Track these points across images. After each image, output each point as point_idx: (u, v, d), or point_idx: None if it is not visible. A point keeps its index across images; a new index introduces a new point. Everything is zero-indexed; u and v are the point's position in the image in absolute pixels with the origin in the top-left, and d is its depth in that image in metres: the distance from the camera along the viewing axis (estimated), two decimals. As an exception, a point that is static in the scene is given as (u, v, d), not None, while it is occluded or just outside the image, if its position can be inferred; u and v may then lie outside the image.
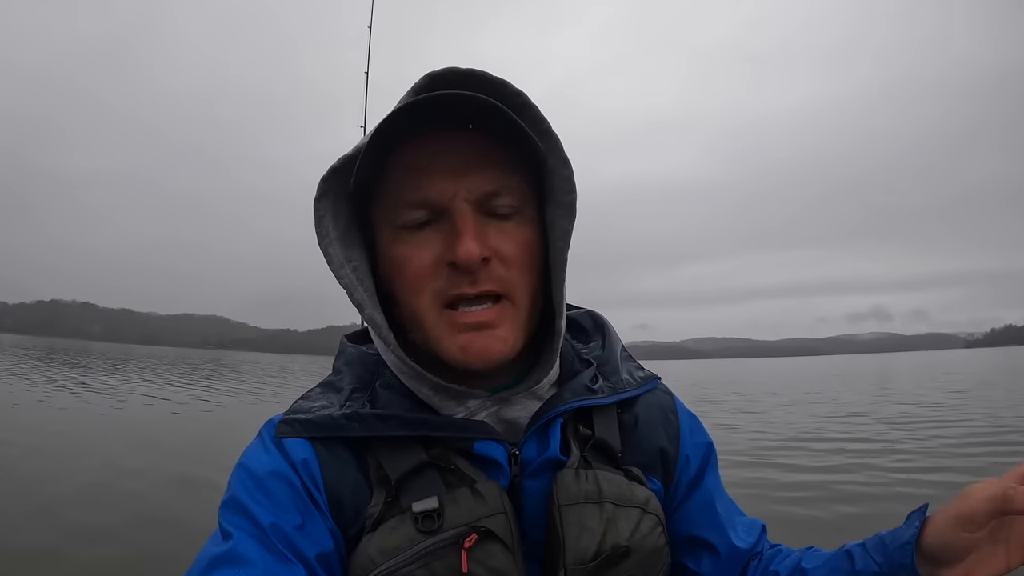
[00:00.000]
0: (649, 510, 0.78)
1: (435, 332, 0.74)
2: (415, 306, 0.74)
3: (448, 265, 0.72)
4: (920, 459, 8.34)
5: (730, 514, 0.92)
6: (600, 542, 0.73)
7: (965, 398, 17.42)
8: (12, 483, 6.49)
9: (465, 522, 0.70)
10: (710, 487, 0.91)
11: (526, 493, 0.76)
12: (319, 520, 0.72)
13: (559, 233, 0.78)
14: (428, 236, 0.73)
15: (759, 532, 0.93)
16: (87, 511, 5.78)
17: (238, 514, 0.71)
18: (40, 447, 8.42)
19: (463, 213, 0.72)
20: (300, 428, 0.77)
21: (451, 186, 0.72)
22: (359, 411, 0.77)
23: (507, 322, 0.74)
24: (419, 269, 0.73)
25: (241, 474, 0.75)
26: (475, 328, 0.73)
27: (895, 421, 12.79)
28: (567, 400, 0.80)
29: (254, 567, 0.66)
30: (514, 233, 0.75)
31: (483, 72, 0.71)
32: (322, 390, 0.84)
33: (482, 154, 0.73)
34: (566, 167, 0.76)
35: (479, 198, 0.73)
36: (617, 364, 0.89)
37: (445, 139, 0.73)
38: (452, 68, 0.71)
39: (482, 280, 0.72)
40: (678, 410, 0.93)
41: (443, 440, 0.76)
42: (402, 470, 0.74)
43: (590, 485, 0.75)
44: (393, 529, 0.70)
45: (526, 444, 0.78)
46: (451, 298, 0.73)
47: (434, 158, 0.73)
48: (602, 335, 0.94)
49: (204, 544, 0.71)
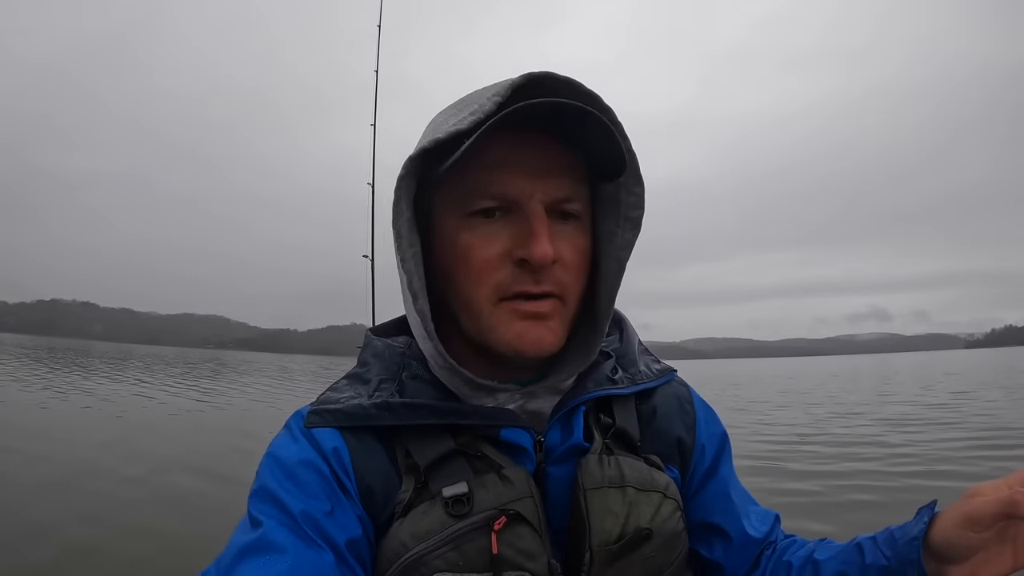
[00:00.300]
0: (669, 495, 0.80)
1: (491, 321, 0.75)
2: (474, 295, 0.75)
3: (515, 261, 0.74)
4: (922, 462, 8.30)
5: (744, 503, 0.93)
6: (624, 525, 0.75)
7: (966, 399, 17.37)
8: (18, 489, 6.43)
9: (494, 506, 0.72)
10: (724, 476, 0.93)
11: (550, 479, 0.78)
12: (348, 507, 0.74)
13: (621, 244, 0.82)
14: (496, 229, 0.75)
15: (772, 522, 0.94)
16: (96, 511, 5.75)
17: (268, 502, 0.72)
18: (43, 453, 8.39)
19: (538, 214, 0.73)
20: (330, 418, 0.79)
21: (529, 186, 0.73)
22: (389, 401, 0.78)
23: (558, 317, 0.77)
24: (484, 260, 0.74)
25: (270, 464, 0.76)
26: (532, 318, 0.75)
27: (893, 421, 12.74)
28: (590, 389, 0.83)
29: (285, 553, 0.67)
30: (575, 240, 0.77)
31: (578, 82, 0.72)
32: (349, 381, 0.85)
33: (560, 159, 0.75)
34: (639, 185, 0.80)
35: (551, 202, 0.75)
36: (635, 357, 0.92)
37: (528, 139, 0.74)
38: (551, 73, 0.72)
39: (544, 280, 0.74)
40: (694, 401, 0.95)
41: (470, 428, 0.78)
42: (431, 457, 0.75)
43: (613, 470, 0.77)
44: (424, 514, 0.72)
45: (551, 431, 0.80)
46: (513, 293, 0.74)
47: (517, 156, 0.74)
48: (620, 329, 0.96)
49: (233, 532, 0.71)
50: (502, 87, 0.72)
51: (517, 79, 0.72)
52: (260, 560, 0.66)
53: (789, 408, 17.07)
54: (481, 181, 0.74)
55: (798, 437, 10.92)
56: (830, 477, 7.52)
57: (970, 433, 10.57)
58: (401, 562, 0.71)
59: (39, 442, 8.84)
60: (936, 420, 12.68)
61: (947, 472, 7.53)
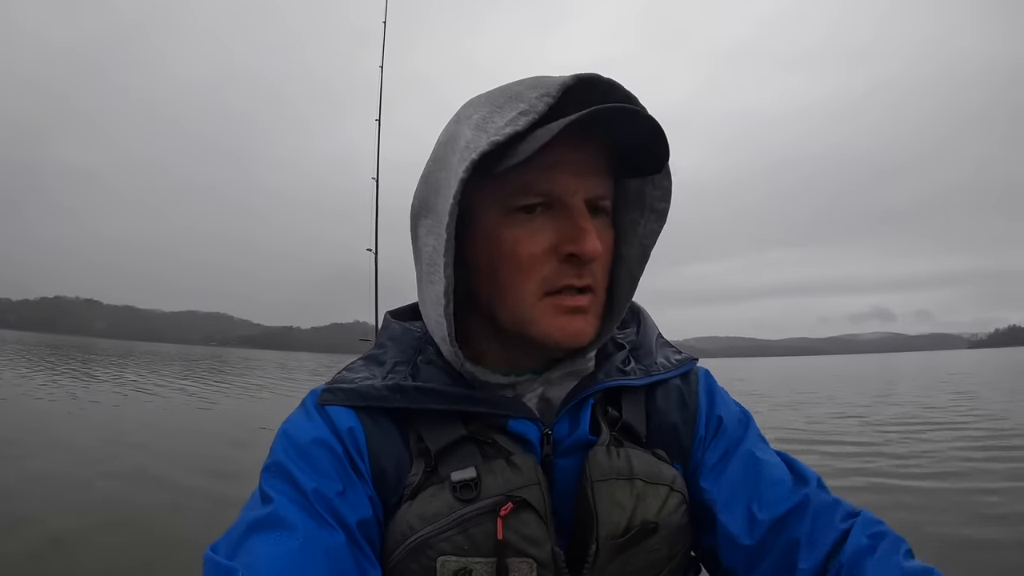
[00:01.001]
0: (676, 488, 0.80)
1: (533, 314, 0.76)
2: (520, 288, 0.76)
3: (561, 256, 0.75)
4: (927, 464, 8.26)
5: (755, 494, 0.81)
6: (631, 517, 0.75)
7: (971, 399, 17.27)
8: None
9: (501, 491, 0.72)
10: (735, 467, 0.84)
11: (558, 470, 0.79)
12: (360, 487, 0.75)
13: (645, 233, 0.84)
14: (539, 225, 0.76)
15: (796, 519, 0.78)
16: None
17: (280, 478, 0.73)
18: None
19: (583, 211, 0.75)
20: (343, 396, 0.80)
21: (574, 184, 0.75)
22: (401, 383, 0.79)
23: (593, 309, 0.79)
24: (532, 255, 0.75)
25: (284, 442, 0.77)
26: (575, 312, 0.76)
27: (891, 424, 12.66)
28: (600, 380, 0.83)
29: (296, 531, 0.67)
30: (605, 233, 0.79)
31: (619, 83, 0.74)
32: (364, 362, 0.86)
33: (602, 160, 0.77)
34: (668, 179, 0.82)
35: (590, 199, 0.76)
36: (651, 348, 0.92)
37: (575, 138, 0.73)
38: (596, 75, 0.73)
39: (586, 275, 0.76)
40: (700, 390, 0.91)
41: (480, 416, 0.79)
42: (442, 442, 0.76)
43: (621, 462, 0.78)
44: (432, 497, 0.73)
45: (558, 424, 0.80)
46: (558, 287, 0.76)
47: (565, 155, 0.74)
48: (638, 322, 0.96)
49: (243, 506, 0.72)
50: (551, 86, 0.72)
51: (567, 79, 0.72)
52: (271, 536, 0.67)
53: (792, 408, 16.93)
54: (531, 180, 0.74)
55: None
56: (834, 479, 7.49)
57: (970, 435, 10.48)
58: (408, 544, 0.72)
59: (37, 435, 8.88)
60: (938, 423, 12.55)
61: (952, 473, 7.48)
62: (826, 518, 0.77)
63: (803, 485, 0.81)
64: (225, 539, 0.68)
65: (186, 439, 9.76)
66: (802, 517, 0.78)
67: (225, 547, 0.67)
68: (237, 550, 0.66)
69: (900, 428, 11.76)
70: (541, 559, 0.71)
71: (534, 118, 0.70)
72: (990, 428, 11.26)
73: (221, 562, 0.64)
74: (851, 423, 12.91)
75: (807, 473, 0.84)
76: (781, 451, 0.89)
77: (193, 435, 10.26)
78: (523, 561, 0.71)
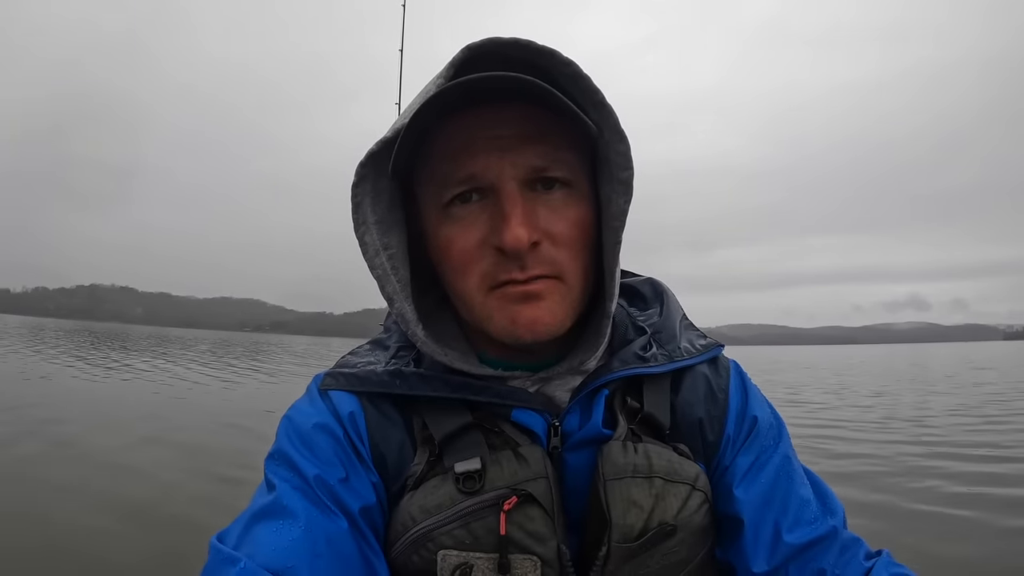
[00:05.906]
0: (698, 487, 0.75)
1: (484, 311, 0.72)
2: (462, 288, 0.72)
3: (495, 248, 0.69)
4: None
5: (779, 520, 0.77)
6: (647, 519, 0.70)
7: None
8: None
9: (506, 484, 0.70)
10: (763, 481, 0.80)
11: (567, 466, 0.75)
12: (363, 474, 0.74)
13: (615, 212, 0.73)
14: (474, 217, 0.70)
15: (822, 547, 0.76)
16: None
17: (283, 466, 0.72)
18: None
19: (510, 194, 0.68)
20: (344, 381, 0.79)
21: (496, 162, 0.68)
22: (402, 369, 0.78)
23: (555, 296, 0.71)
24: (464, 252, 0.71)
25: (287, 427, 0.76)
26: (523, 299, 0.70)
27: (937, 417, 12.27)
28: (615, 369, 0.78)
29: (298, 518, 0.67)
30: (565, 211, 0.71)
31: (528, 41, 0.67)
32: (370, 347, 0.85)
33: (531, 127, 0.69)
34: (622, 142, 0.71)
35: (527, 174, 0.69)
36: (675, 332, 0.85)
37: (491, 112, 0.68)
38: (493, 39, 0.67)
39: (531, 265, 0.69)
40: (730, 386, 0.85)
41: (483, 405, 0.76)
42: (447, 431, 0.74)
43: (640, 458, 0.72)
44: (435, 488, 0.71)
45: (568, 416, 0.76)
46: (499, 283, 0.70)
47: (478, 132, 0.69)
48: (661, 303, 0.90)
49: (253, 495, 0.72)
50: (446, 68, 0.69)
51: (457, 56, 0.69)
52: (274, 524, 0.66)
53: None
54: (448, 168, 0.70)
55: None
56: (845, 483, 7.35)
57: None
58: (409, 536, 0.70)
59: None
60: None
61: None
62: (852, 553, 0.75)
63: (831, 515, 0.78)
64: (232, 527, 0.68)
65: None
66: (829, 548, 0.75)
67: (231, 535, 0.67)
68: (242, 538, 0.66)
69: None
70: (546, 557, 0.68)
71: (419, 112, 0.65)
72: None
73: (224, 550, 0.64)
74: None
75: (835, 505, 0.80)
76: (809, 469, 0.85)
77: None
78: (526, 558, 0.68)
